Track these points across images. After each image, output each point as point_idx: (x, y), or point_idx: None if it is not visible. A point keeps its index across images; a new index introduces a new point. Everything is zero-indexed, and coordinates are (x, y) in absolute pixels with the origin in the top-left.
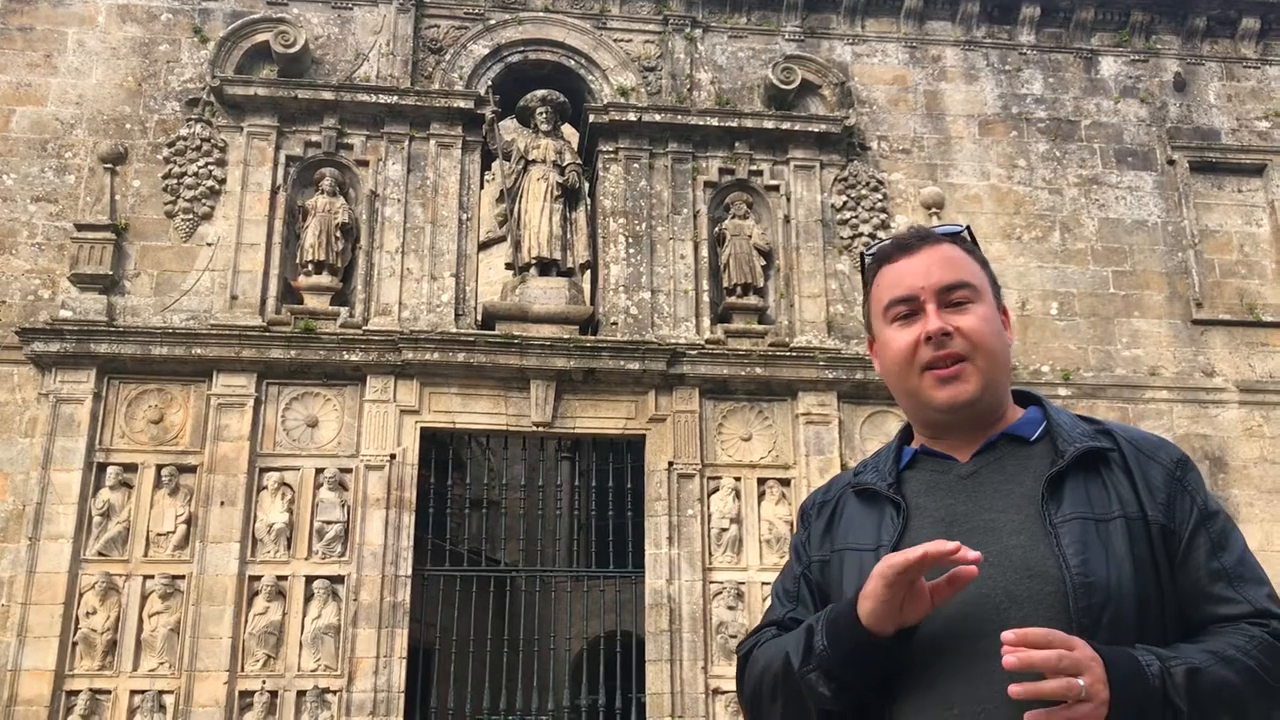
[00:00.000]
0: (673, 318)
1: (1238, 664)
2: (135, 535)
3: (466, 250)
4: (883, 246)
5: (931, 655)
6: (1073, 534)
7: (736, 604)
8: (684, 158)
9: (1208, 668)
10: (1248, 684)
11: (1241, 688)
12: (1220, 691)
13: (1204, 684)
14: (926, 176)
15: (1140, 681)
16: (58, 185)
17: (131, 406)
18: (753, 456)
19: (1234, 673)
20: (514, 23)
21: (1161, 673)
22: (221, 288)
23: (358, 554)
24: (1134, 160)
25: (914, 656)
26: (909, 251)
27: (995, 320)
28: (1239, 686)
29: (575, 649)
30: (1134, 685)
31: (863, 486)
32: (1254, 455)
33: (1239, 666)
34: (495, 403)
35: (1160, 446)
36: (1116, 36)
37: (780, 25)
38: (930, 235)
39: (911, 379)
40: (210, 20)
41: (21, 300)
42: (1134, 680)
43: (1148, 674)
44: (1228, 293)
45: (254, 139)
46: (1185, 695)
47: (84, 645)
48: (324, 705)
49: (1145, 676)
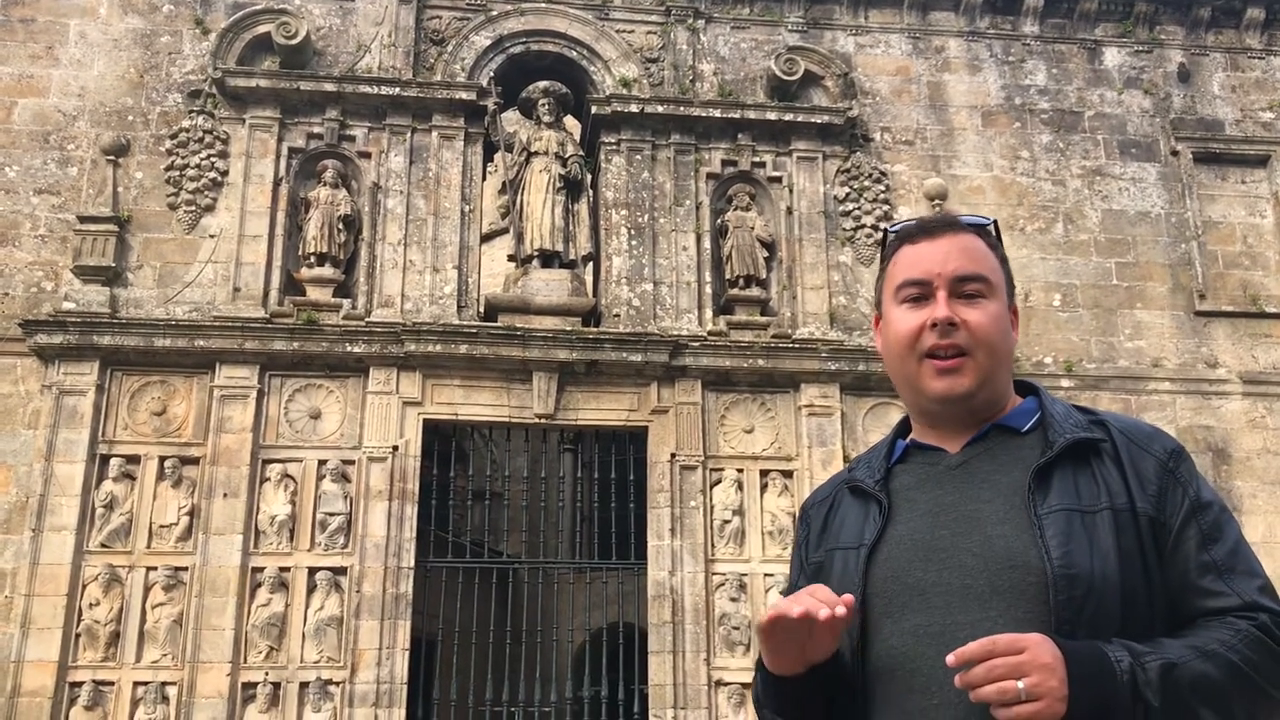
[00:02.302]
0: (675, 309)
1: (1219, 658)
2: (138, 527)
3: (469, 242)
4: (907, 225)
5: (914, 646)
6: (1057, 525)
7: (739, 595)
8: (686, 149)
9: (1186, 663)
10: (1229, 678)
11: (1222, 682)
12: (1199, 687)
13: (1180, 679)
14: (930, 168)
15: (1105, 679)
16: (60, 177)
17: (134, 398)
18: (755, 448)
19: (1215, 667)
20: (516, 14)
21: (1132, 668)
22: (224, 280)
23: (360, 546)
24: (1137, 151)
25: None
26: (931, 235)
27: (1004, 319)
28: (1220, 681)
29: (578, 640)
30: (1098, 682)
31: (855, 483)
32: (1257, 447)
33: (1221, 661)
34: (498, 394)
35: (1153, 437)
36: (1120, 27)
37: (783, 16)
38: (956, 223)
39: (910, 363)
40: (212, 12)
41: (24, 292)
42: (1098, 677)
43: (1116, 670)
44: (1231, 284)
45: (256, 131)
46: (1158, 691)
47: (87, 636)
48: (327, 697)
49: (1113, 673)
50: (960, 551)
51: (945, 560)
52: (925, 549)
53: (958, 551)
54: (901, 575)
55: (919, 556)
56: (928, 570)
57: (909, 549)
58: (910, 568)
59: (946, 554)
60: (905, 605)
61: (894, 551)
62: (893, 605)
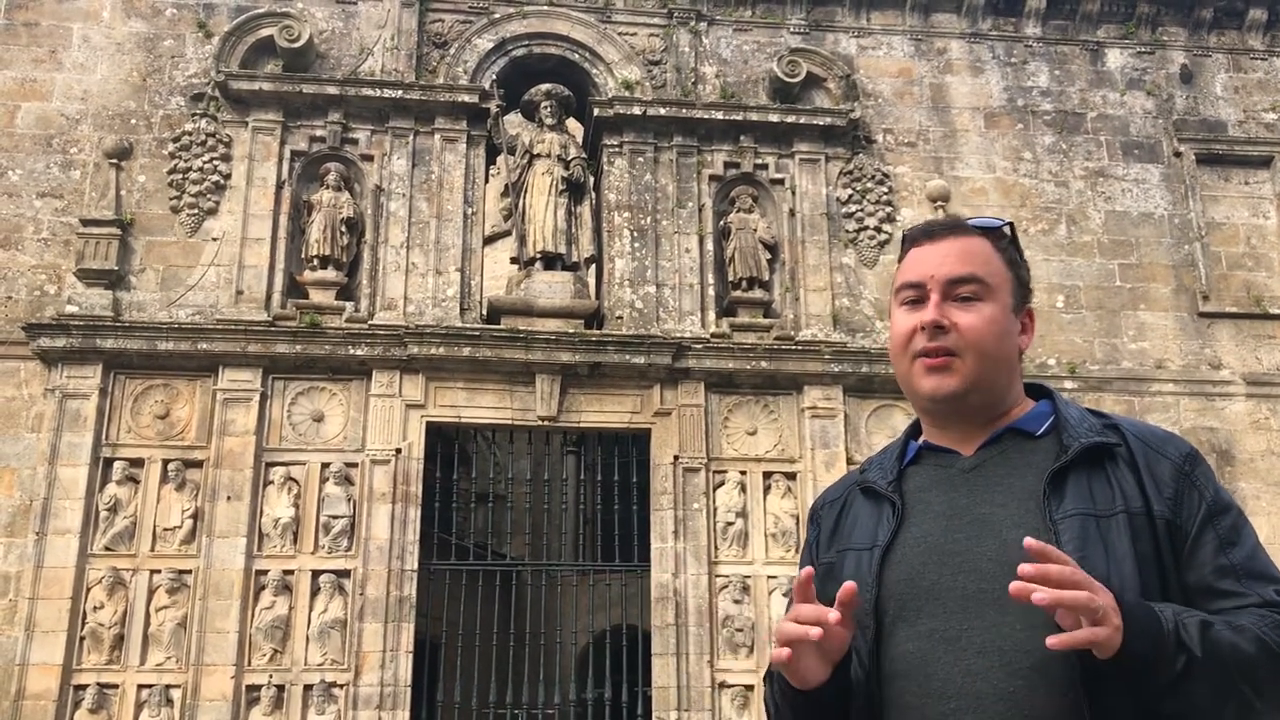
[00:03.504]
0: (678, 312)
1: (1248, 633)
2: (142, 530)
3: (471, 245)
4: (915, 228)
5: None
6: (1072, 530)
7: (742, 598)
8: (689, 151)
9: (1219, 628)
10: (1260, 654)
11: (1254, 656)
12: (1235, 653)
13: (1218, 640)
14: (932, 169)
15: (1154, 625)
16: (63, 181)
17: (138, 402)
18: (758, 450)
19: (1245, 640)
20: (518, 16)
21: (1175, 619)
22: (227, 283)
23: (364, 548)
24: (1140, 153)
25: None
26: (933, 238)
27: (1002, 321)
28: (1252, 655)
29: (581, 643)
30: (1147, 626)
31: (867, 484)
32: (1261, 448)
33: (1250, 635)
34: (500, 397)
35: (1168, 441)
36: (1123, 28)
37: (785, 18)
38: (960, 226)
39: (904, 363)
40: (215, 15)
41: (28, 296)
42: (1147, 621)
43: (1161, 619)
44: (1234, 285)
45: (259, 134)
46: (1199, 643)
47: (91, 640)
48: (331, 699)
49: (1159, 621)
50: (976, 556)
51: (960, 564)
52: (940, 552)
53: (973, 555)
54: (916, 578)
55: (933, 560)
56: (942, 574)
57: (923, 552)
58: (925, 571)
59: (961, 558)
60: (919, 609)
61: (908, 554)
62: (907, 609)
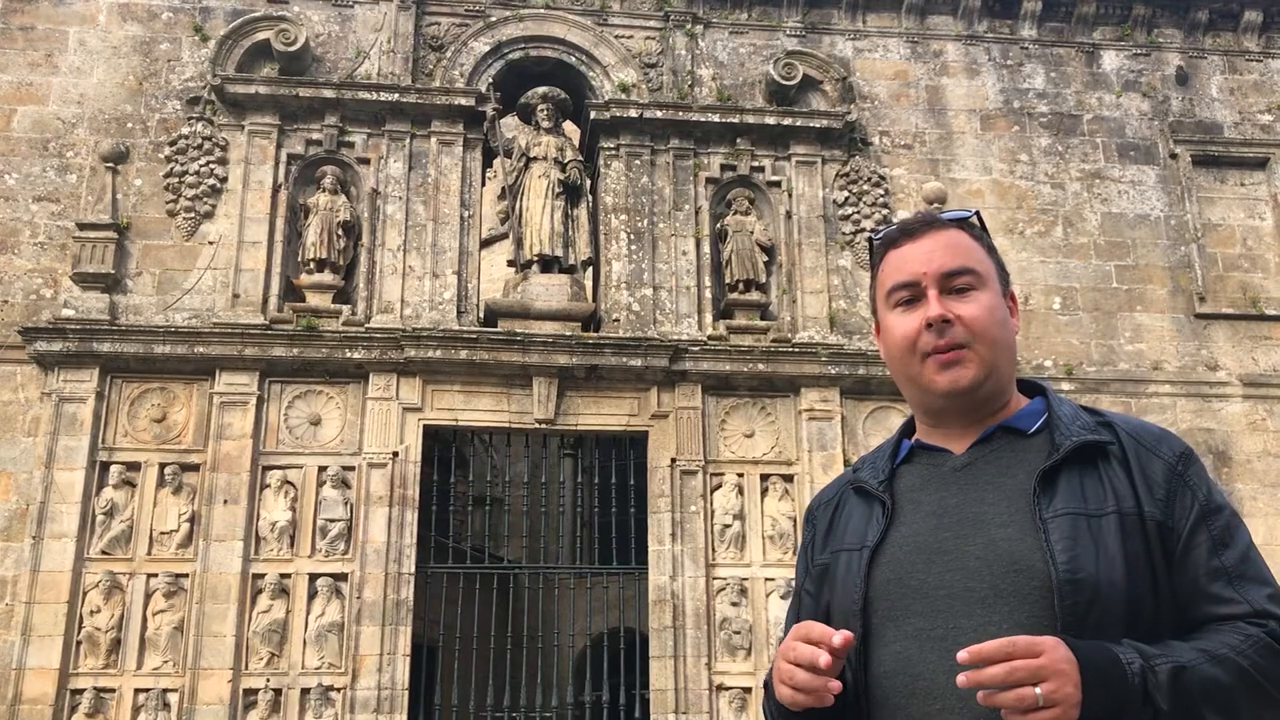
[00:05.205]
0: (675, 314)
1: (1229, 663)
2: (139, 534)
3: (468, 248)
4: (889, 231)
5: (917, 650)
6: (1062, 529)
7: (740, 600)
8: (685, 154)
9: (1195, 666)
10: (1239, 684)
11: (1231, 687)
12: (1208, 691)
13: (1190, 683)
14: (929, 171)
15: (1117, 682)
16: (59, 184)
17: (134, 405)
18: (755, 453)
19: (1225, 672)
20: (515, 19)
21: (1143, 670)
22: (224, 286)
23: (361, 551)
24: (1136, 154)
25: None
26: (913, 236)
27: (999, 308)
28: (1229, 686)
29: (579, 645)
30: (1110, 685)
31: (859, 484)
32: (1257, 449)
33: (1230, 666)
34: (498, 400)
35: (1162, 439)
36: (1118, 30)
37: (781, 21)
38: (936, 220)
39: (913, 365)
40: (211, 18)
41: (24, 300)
42: (1110, 680)
43: (1127, 673)
44: (1231, 286)
45: (255, 137)
46: (1168, 694)
47: (88, 644)
48: (328, 703)
49: (1124, 676)
50: (963, 554)
51: (948, 563)
52: (928, 551)
53: (961, 554)
54: (904, 577)
55: (922, 558)
56: (930, 572)
57: (911, 551)
58: (913, 570)
59: (950, 556)
60: (907, 608)
61: (896, 553)
62: (895, 608)
